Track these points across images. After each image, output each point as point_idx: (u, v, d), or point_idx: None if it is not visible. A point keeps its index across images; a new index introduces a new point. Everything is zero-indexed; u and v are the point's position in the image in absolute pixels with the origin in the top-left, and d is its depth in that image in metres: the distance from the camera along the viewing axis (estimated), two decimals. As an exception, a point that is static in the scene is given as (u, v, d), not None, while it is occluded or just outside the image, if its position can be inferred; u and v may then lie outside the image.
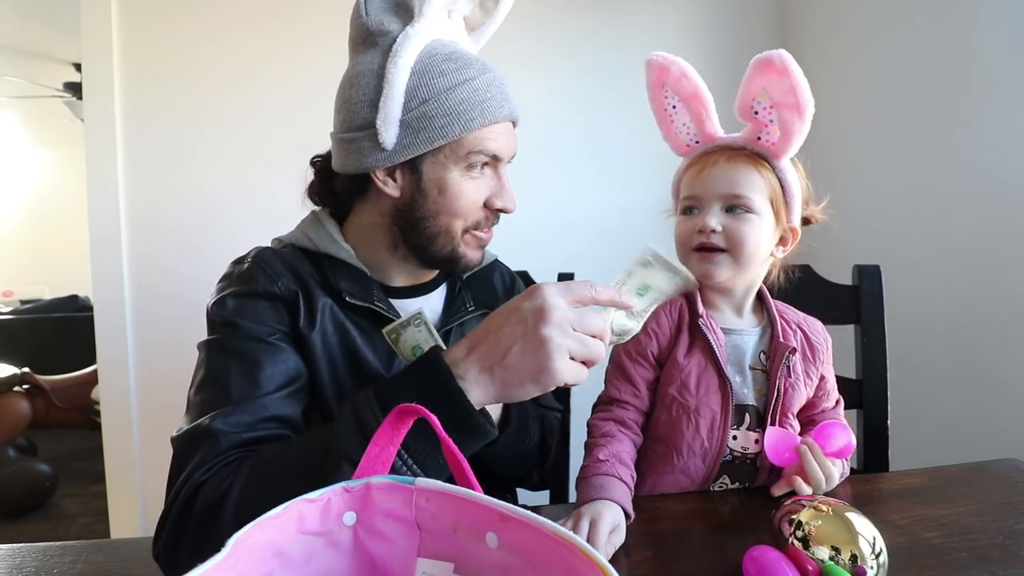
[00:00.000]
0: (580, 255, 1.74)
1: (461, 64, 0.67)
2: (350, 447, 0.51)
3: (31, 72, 3.66)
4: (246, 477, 0.54)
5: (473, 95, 0.66)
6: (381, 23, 0.66)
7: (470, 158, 0.67)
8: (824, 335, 0.81)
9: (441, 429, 0.39)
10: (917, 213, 1.45)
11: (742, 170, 0.73)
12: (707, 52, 1.86)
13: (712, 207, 0.73)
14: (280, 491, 0.53)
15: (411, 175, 0.68)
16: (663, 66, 0.74)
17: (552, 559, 0.30)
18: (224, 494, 0.52)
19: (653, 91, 0.77)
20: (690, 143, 0.78)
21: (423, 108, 0.64)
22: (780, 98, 0.68)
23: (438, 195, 0.68)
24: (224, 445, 0.57)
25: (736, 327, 0.77)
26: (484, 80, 0.67)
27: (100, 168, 1.61)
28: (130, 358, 1.64)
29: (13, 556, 0.60)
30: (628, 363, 0.78)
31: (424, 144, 0.65)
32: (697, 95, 0.74)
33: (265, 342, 0.64)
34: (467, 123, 0.65)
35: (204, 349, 0.66)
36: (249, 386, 0.61)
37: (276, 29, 1.64)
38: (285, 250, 0.73)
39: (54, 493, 2.43)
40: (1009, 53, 1.22)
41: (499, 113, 0.68)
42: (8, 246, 4.94)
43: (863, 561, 0.47)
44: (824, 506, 0.51)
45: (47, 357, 2.94)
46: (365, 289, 0.71)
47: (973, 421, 1.29)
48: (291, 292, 0.67)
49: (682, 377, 0.74)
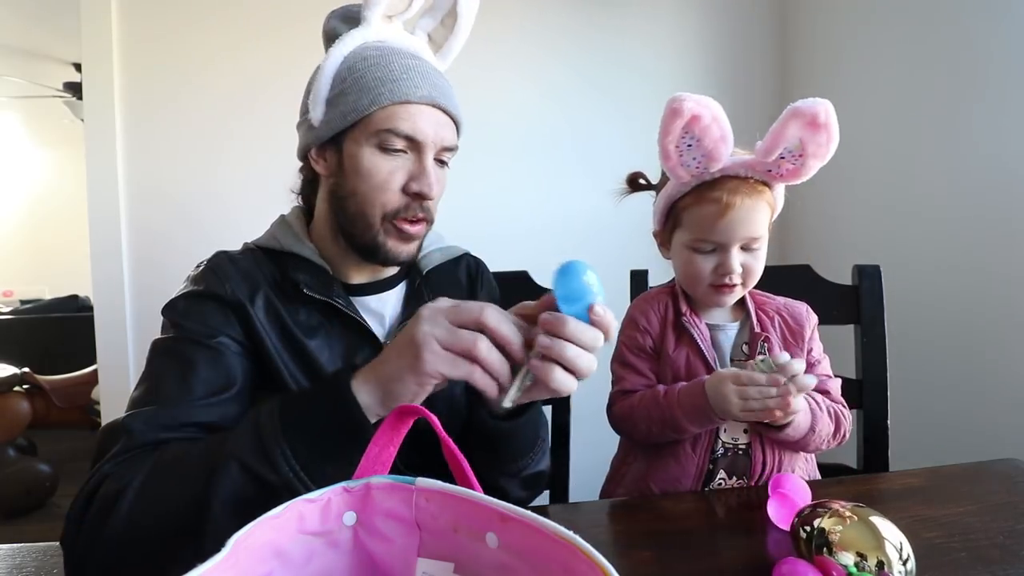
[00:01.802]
0: (577, 254, 1.73)
1: (386, 51, 0.70)
2: (240, 447, 0.52)
3: (31, 72, 3.65)
4: (147, 472, 0.54)
5: (387, 74, 0.68)
6: (334, 29, 0.73)
7: (381, 136, 0.68)
8: (806, 315, 0.84)
9: (441, 428, 0.39)
10: (917, 213, 1.45)
11: (758, 209, 0.75)
12: (707, 52, 1.86)
13: (733, 250, 0.76)
14: (175, 486, 0.53)
15: (335, 154, 0.71)
16: (695, 114, 0.69)
17: (552, 559, 0.30)
18: (125, 486, 0.53)
19: (671, 132, 0.71)
20: (694, 174, 0.75)
21: (342, 86, 0.68)
22: (813, 150, 0.68)
23: (354, 172, 0.69)
24: (138, 442, 0.57)
25: (718, 323, 0.83)
26: (403, 64, 0.69)
27: (100, 168, 1.61)
28: (130, 358, 1.65)
29: (13, 556, 0.60)
30: (631, 357, 0.85)
31: (339, 120, 0.68)
32: (724, 138, 0.71)
33: (205, 345, 0.64)
34: (375, 98, 0.67)
35: (151, 349, 0.67)
36: (178, 389, 0.61)
37: (276, 29, 1.64)
38: (245, 254, 0.73)
39: (54, 493, 2.43)
40: (1009, 52, 1.21)
41: (413, 93, 0.68)
42: (8, 246, 4.94)
43: (890, 568, 0.46)
44: (845, 511, 0.50)
45: (47, 357, 2.94)
46: (325, 284, 0.71)
47: (973, 421, 1.29)
48: (236, 298, 0.67)
49: (673, 369, 0.81)
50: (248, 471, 0.51)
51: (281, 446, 0.51)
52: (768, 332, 0.80)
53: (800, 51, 1.85)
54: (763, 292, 0.86)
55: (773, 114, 0.68)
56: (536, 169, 1.82)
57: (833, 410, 0.78)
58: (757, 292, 0.85)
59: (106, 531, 0.51)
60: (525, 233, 1.81)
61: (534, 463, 0.71)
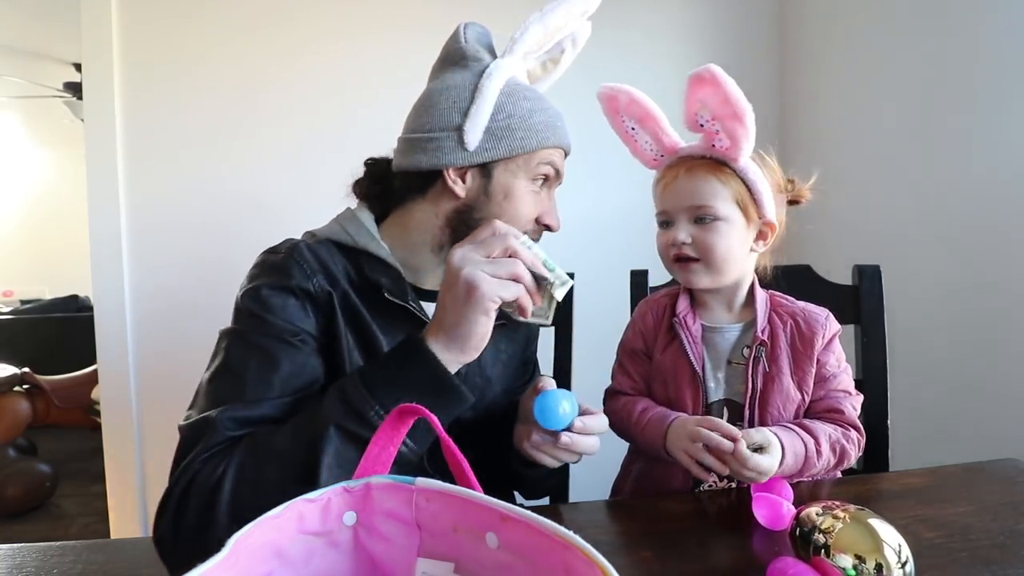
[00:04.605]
0: (579, 255, 1.74)
1: (539, 96, 0.77)
2: (335, 413, 0.57)
3: (31, 72, 3.65)
4: (242, 455, 0.56)
5: (549, 120, 0.76)
6: (477, 51, 0.76)
7: (539, 169, 0.75)
8: (822, 323, 0.79)
9: (440, 428, 0.39)
10: (917, 213, 1.45)
11: (701, 180, 0.76)
12: (707, 52, 1.86)
13: (680, 220, 0.77)
14: (274, 464, 0.55)
15: (482, 178, 0.74)
16: (611, 96, 0.79)
17: (552, 559, 0.30)
18: (222, 474, 0.55)
19: (611, 119, 0.82)
20: (656, 157, 0.82)
21: (508, 121, 0.73)
22: (718, 109, 0.70)
23: (503, 199, 0.74)
24: (223, 437, 0.58)
25: (720, 324, 0.81)
26: (555, 112, 0.78)
27: (100, 168, 1.60)
28: (130, 358, 1.64)
29: (13, 556, 0.60)
30: (624, 358, 0.88)
31: (504, 150, 0.73)
32: (648, 115, 0.78)
33: (288, 342, 0.64)
34: (543, 140, 0.74)
35: (226, 338, 0.66)
36: (263, 385, 0.61)
37: (276, 30, 1.64)
38: (320, 245, 0.73)
39: (54, 493, 2.43)
40: (1009, 52, 1.21)
41: (564, 140, 0.78)
42: (8, 246, 4.94)
43: (888, 570, 0.45)
44: (844, 513, 0.49)
45: (47, 357, 2.93)
46: (401, 288, 0.72)
47: (973, 421, 1.29)
48: (325, 291, 0.68)
49: (660, 372, 0.82)
50: (348, 433, 0.55)
51: (373, 406, 0.56)
52: (778, 337, 0.78)
53: (800, 49, 1.85)
54: (785, 295, 0.83)
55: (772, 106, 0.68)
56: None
57: (839, 445, 0.74)
58: (777, 294, 0.83)
59: (211, 521, 0.53)
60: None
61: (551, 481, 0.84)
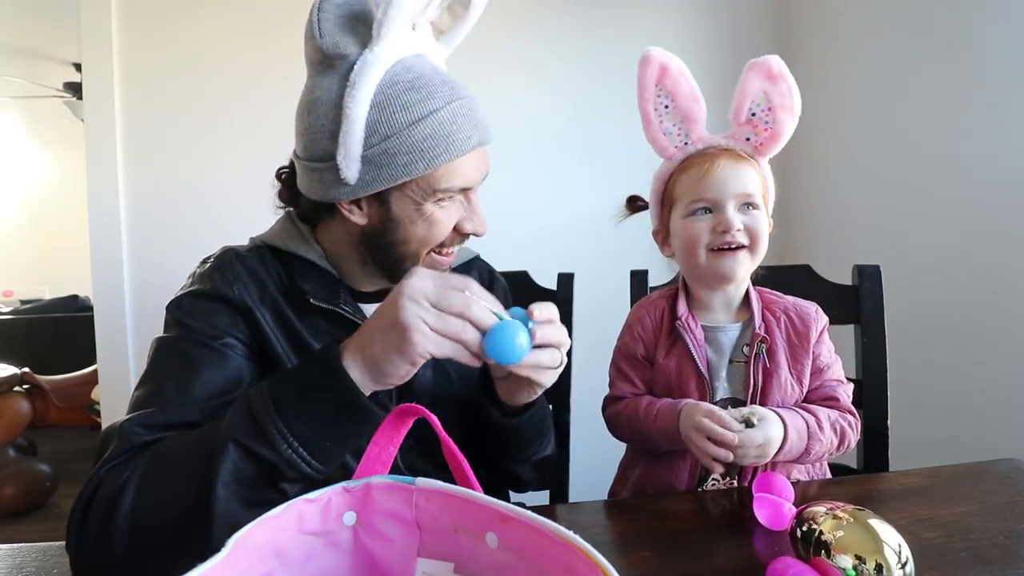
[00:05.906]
0: (577, 255, 1.74)
1: (425, 94, 0.63)
2: (235, 428, 0.52)
3: (31, 72, 3.65)
4: (146, 464, 0.54)
5: (438, 129, 0.62)
6: (337, 45, 0.62)
7: (438, 194, 0.65)
8: (814, 316, 0.80)
9: (440, 427, 0.39)
10: (917, 213, 1.44)
11: (747, 169, 0.76)
12: (707, 52, 1.85)
13: (728, 207, 0.74)
14: (173, 477, 0.54)
15: (378, 206, 0.66)
16: (663, 64, 0.74)
17: (552, 559, 0.30)
18: (124, 484, 0.53)
19: (646, 89, 0.76)
20: (678, 145, 0.79)
21: (384, 145, 0.61)
22: (779, 101, 0.71)
23: (409, 224, 0.66)
24: (133, 444, 0.56)
25: (722, 324, 0.81)
26: (450, 111, 0.63)
27: (100, 168, 1.61)
28: (130, 358, 1.65)
29: (13, 556, 0.60)
30: (623, 363, 0.85)
31: (387, 180, 0.63)
32: (695, 96, 0.76)
33: (209, 347, 0.63)
34: (431, 160, 0.62)
35: (153, 346, 0.66)
36: (180, 391, 0.60)
37: (276, 30, 1.64)
38: (252, 252, 0.72)
39: (54, 493, 2.43)
40: (1009, 53, 1.21)
41: (466, 145, 0.64)
42: (8, 246, 4.94)
43: (888, 571, 0.45)
44: (844, 513, 0.49)
45: (47, 357, 2.93)
46: (331, 292, 0.70)
47: (973, 421, 1.29)
48: (243, 301, 0.66)
49: (664, 377, 0.80)
50: (247, 451, 0.52)
51: (277, 424, 0.52)
52: (773, 333, 0.78)
53: (800, 49, 1.85)
54: (772, 291, 0.84)
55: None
56: (536, 168, 1.82)
57: (838, 425, 0.75)
58: (765, 290, 0.83)
59: (112, 530, 0.51)
60: (525, 233, 1.80)
61: (542, 449, 0.76)
